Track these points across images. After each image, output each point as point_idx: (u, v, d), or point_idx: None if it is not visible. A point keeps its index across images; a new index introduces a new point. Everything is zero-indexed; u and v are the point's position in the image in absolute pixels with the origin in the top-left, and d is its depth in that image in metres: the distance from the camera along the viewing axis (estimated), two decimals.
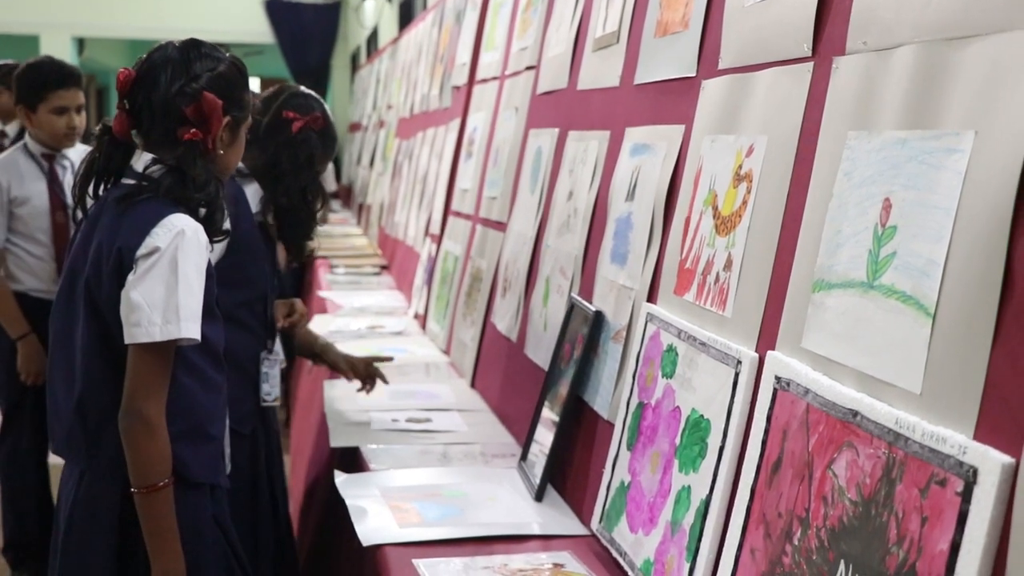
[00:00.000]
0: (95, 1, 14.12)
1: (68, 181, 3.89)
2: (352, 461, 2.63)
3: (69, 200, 3.77)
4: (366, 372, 3.08)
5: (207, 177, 2.01)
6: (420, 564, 1.94)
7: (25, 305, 3.89)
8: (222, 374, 2.12)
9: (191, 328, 1.93)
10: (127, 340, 1.92)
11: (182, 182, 1.99)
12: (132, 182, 2.02)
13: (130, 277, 1.92)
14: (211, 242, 2.04)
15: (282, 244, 2.88)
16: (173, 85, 2.00)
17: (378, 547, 2.04)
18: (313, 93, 2.93)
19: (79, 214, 2.11)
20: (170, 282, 1.91)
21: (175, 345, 1.95)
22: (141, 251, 1.92)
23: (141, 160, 2.03)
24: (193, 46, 2.06)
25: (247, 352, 2.58)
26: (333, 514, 2.59)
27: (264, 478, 2.69)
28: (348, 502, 2.25)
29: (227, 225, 2.11)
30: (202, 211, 2.02)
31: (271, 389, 2.64)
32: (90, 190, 2.08)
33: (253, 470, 2.65)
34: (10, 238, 3.92)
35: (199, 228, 1.98)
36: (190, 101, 2.00)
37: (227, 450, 2.18)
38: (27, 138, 3.98)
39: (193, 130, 2.00)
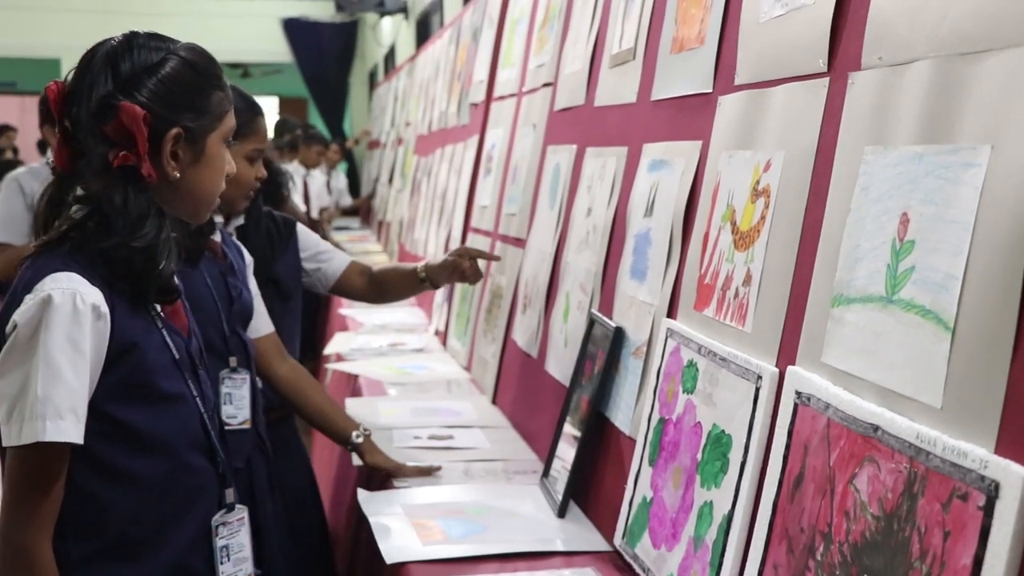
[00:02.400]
0: (115, 24, 14.22)
1: None
2: (374, 478, 2.64)
3: None
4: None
5: (140, 213, 1.60)
6: None
7: None
8: (150, 455, 1.66)
9: (59, 428, 1.51)
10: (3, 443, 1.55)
11: (103, 225, 1.60)
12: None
13: None
14: (156, 303, 1.69)
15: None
16: (96, 93, 1.60)
17: (402, 565, 2.04)
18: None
19: None
20: (25, 368, 1.51)
21: (52, 448, 1.52)
22: (9, 326, 1.56)
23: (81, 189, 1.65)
24: (129, 40, 1.65)
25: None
26: (357, 531, 2.60)
27: (266, 505, 2.51)
28: (371, 520, 2.26)
29: (177, 280, 1.74)
30: (136, 261, 1.62)
31: (236, 411, 2.43)
32: None
33: (252, 505, 2.41)
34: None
35: (81, 289, 1.55)
36: (110, 115, 1.58)
37: (218, 545, 1.76)
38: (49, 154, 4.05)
39: (122, 153, 1.58)
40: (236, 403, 2.43)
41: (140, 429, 1.64)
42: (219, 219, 2.61)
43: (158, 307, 1.72)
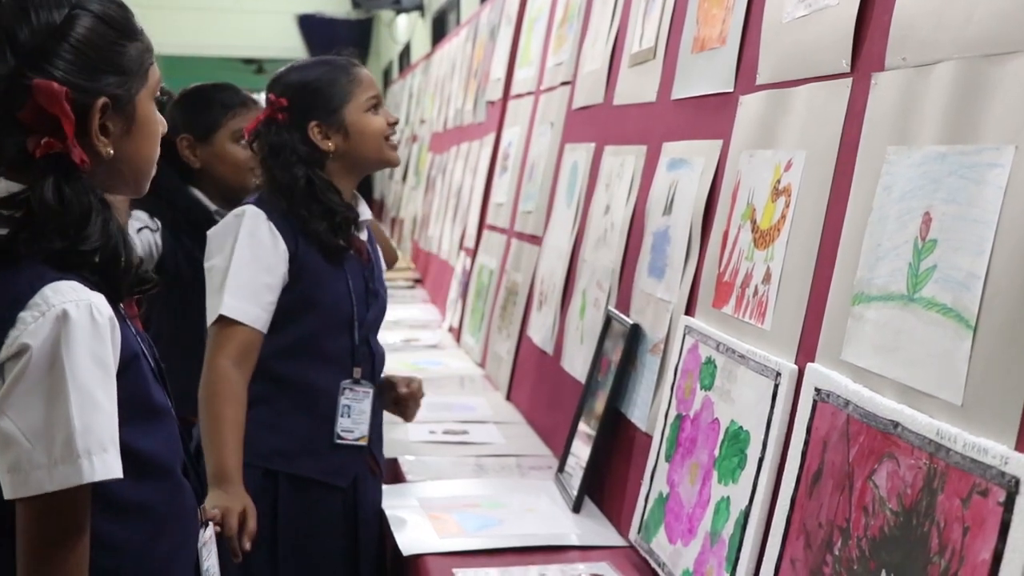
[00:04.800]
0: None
1: None
2: (389, 472, 2.66)
3: None
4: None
5: (82, 210, 1.32)
6: (460, 573, 1.96)
7: None
8: (154, 479, 1.43)
9: (105, 463, 1.28)
10: (7, 494, 1.27)
11: (42, 226, 1.30)
12: None
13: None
14: (133, 293, 1.43)
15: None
16: None
17: (418, 556, 2.06)
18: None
19: None
20: (52, 393, 1.25)
21: (84, 491, 1.28)
22: (4, 353, 1.26)
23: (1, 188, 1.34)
24: None
25: (327, 386, 2.26)
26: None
27: (370, 528, 2.32)
28: (388, 512, 2.28)
29: (147, 264, 1.48)
30: (93, 259, 1.34)
31: (353, 426, 2.26)
32: None
33: (349, 534, 2.29)
34: None
35: (93, 299, 1.30)
36: (21, 98, 1.29)
37: None
38: None
39: (44, 140, 1.29)
40: (355, 417, 2.27)
41: (142, 451, 1.39)
42: (365, 209, 2.38)
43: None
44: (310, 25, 14.65)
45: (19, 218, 1.30)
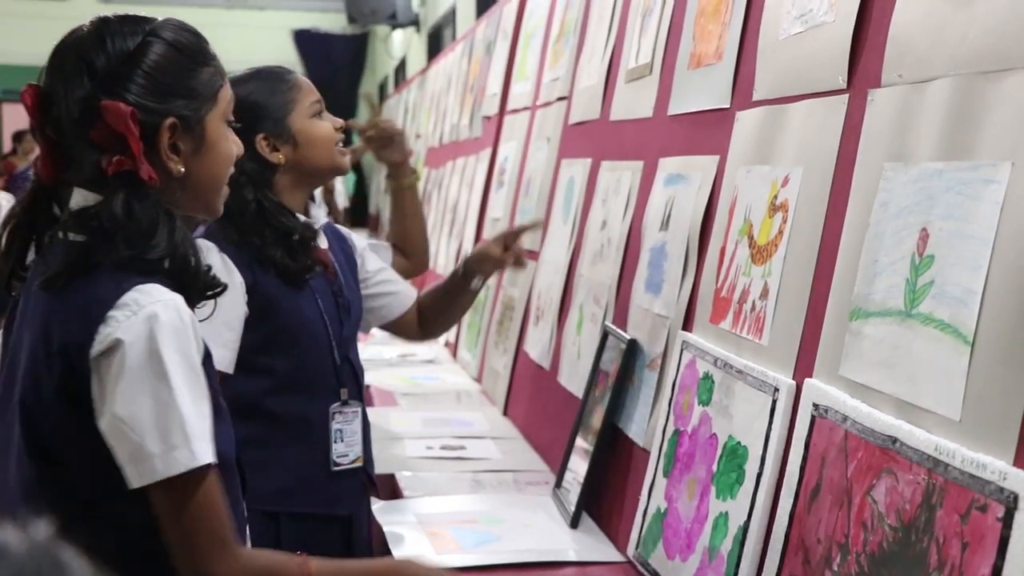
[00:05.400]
0: None
1: None
2: (387, 488, 2.66)
3: None
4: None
5: (149, 223, 1.39)
6: None
7: None
8: (228, 480, 1.47)
9: (204, 450, 1.36)
10: (131, 484, 1.35)
11: (111, 235, 1.38)
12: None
13: (95, 390, 1.34)
14: (203, 297, 1.50)
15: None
16: (71, 96, 1.39)
17: None
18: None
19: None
20: (156, 386, 1.33)
21: (203, 469, 1.37)
22: (96, 348, 1.33)
23: (74, 203, 1.43)
24: (99, 29, 1.42)
25: (316, 415, 2.19)
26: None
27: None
28: (385, 528, 2.27)
29: (216, 273, 1.52)
30: (170, 269, 1.42)
31: (347, 449, 2.21)
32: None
33: (347, 555, 2.20)
34: None
35: (177, 300, 1.38)
36: (92, 119, 1.38)
37: None
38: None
39: (116, 158, 1.37)
40: (347, 439, 2.20)
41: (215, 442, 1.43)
42: (321, 214, 2.32)
43: None
44: (306, 40, 14.70)
45: (95, 227, 1.38)
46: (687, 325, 2.03)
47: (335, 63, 14.67)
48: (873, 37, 1.55)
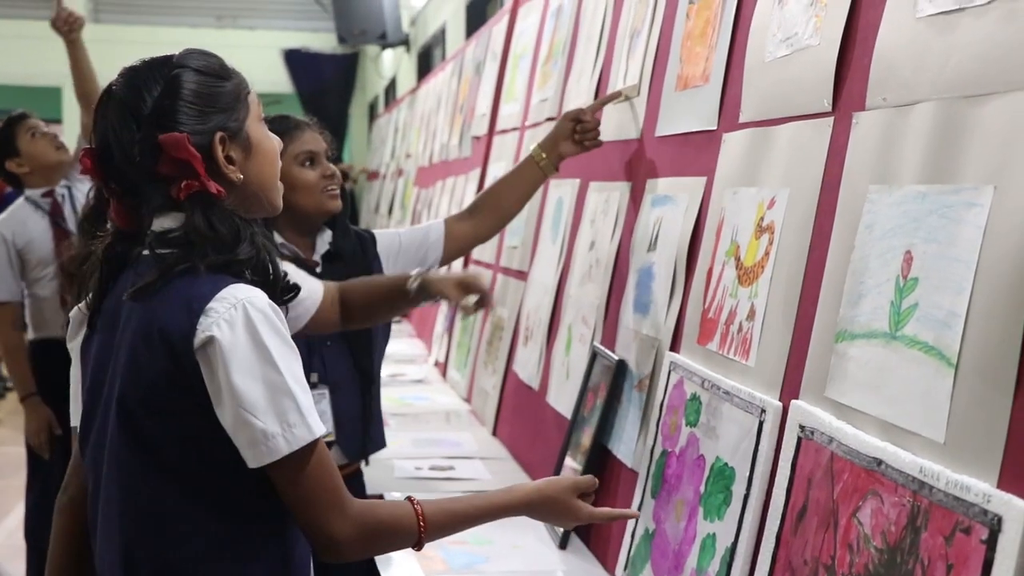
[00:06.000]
0: (115, 53, 14.23)
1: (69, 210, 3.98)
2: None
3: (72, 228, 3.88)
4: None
5: (230, 231, 1.53)
6: None
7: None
8: None
9: (317, 423, 1.48)
10: (251, 464, 1.46)
11: (202, 247, 1.51)
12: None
13: (208, 384, 1.46)
14: (282, 301, 1.58)
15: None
16: (128, 145, 1.51)
17: None
18: None
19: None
20: (267, 372, 1.44)
21: (318, 445, 1.48)
22: (199, 338, 1.45)
23: (157, 226, 1.55)
24: (131, 80, 1.55)
25: None
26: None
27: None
28: None
29: (290, 277, 1.64)
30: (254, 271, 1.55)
31: None
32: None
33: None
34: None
35: (265, 296, 1.50)
36: (156, 155, 1.51)
37: None
38: (26, 190, 4.07)
39: (184, 184, 1.51)
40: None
41: None
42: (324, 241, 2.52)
43: None
44: (296, 60, 14.70)
45: (183, 242, 1.51)
46: (675, 346, 2.03)
47: (325, 82, 14.67)
48: (858, 60, 1.56)
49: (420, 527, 1.60)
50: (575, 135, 2.58)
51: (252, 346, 1.44)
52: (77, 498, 1.68)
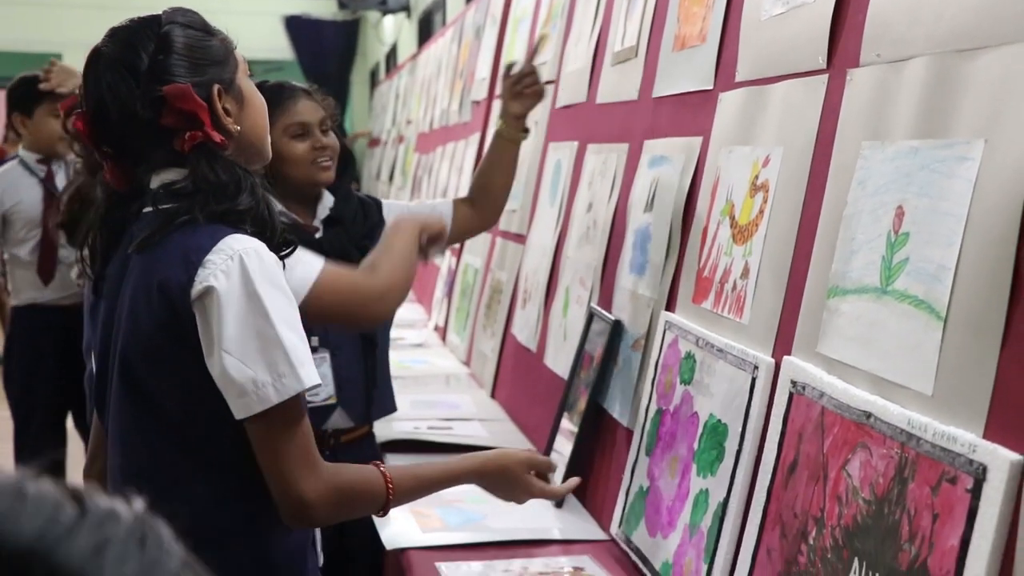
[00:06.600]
0: (116, 18, 14.21)
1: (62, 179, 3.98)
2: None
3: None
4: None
5: (233, 179, 1.54)
6: (443, 567, 1.98)
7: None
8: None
9: (310, 372, 1.48)
10: (238, 416, 1.47)
11: (205, 196, 1.53)
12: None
13: (201, 333, 1.47)
14: (280, 255, 1.57)
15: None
16: (128, 101, 1.52)
17: (401, 551, 2.07)
18: None
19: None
20: (258, 322, 1.45)
21: (302, 399, 1.51)
22: (197, 288, 1.46)
23: (156, 183, 1.57)
24: (121, 39, 1.56)
25: None
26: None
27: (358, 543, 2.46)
28: None
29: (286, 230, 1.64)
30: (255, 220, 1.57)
31: (318, 389, 2.25)
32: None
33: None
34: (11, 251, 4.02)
35: (263, 245, 1.52)
36: (159, 108, 1.52)
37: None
38: (20, 150, 4.07)
39: (188, 134, 1.52)
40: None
41: None
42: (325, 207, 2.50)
43: None
44: (296, 26, 14.64)
45: (186, 193, 1.52)
46: (670, 305, 2.04)
47: (326, 49, 14.61)
48: (852, 17, 1.56)
49: (388, 491, 1.61)
50: (515, 90, 2.60)
51: (245, 296, 1.45)
52: (105, 471, 1.68)
